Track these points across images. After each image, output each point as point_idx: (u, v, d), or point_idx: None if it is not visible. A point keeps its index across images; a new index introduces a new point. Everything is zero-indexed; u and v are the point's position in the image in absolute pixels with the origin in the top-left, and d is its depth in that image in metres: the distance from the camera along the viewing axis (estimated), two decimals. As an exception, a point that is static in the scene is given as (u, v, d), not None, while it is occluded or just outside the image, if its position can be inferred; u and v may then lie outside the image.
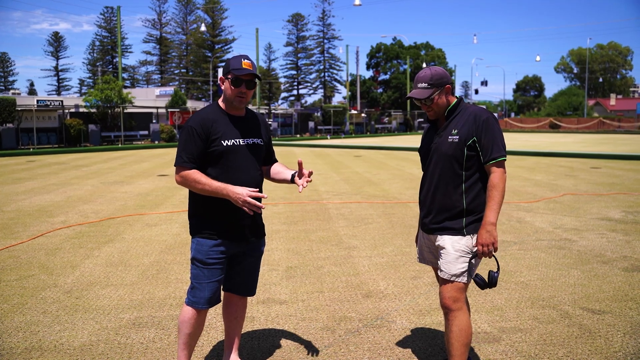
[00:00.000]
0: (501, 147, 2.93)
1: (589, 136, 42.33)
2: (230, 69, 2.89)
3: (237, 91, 2.91)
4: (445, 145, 2.98)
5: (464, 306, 2.96)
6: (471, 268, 2.95)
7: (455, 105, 3.06)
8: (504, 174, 2.91)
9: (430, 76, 2.99)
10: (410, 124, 56.17)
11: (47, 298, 4.57)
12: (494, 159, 2.91)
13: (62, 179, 13.55)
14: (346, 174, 14.46)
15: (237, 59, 2.92)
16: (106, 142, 30.37)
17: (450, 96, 3.06)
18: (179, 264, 5.62)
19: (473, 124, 2.93)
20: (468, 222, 2.95)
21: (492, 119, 2.95)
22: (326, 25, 77.04)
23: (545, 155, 20.64)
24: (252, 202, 2.76)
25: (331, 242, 6.61)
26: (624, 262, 5.61)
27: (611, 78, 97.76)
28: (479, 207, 2.95)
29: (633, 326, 3.93)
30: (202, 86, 73.64)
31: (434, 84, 2.98)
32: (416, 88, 3.03)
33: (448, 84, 3.03)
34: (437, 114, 3.06)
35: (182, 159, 2.86)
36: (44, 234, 7.07)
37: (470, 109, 3.02)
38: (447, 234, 2.98)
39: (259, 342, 3.72)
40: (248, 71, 2.88)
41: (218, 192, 2.80)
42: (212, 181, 2.81)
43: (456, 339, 2.91)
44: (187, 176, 2.84)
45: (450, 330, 2.92)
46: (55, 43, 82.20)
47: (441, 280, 3.00)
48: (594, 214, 8.32)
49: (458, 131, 2.96)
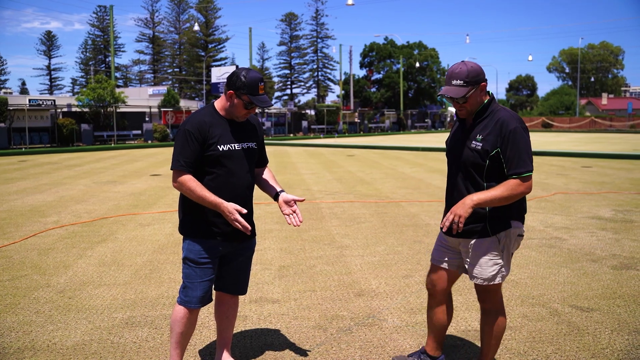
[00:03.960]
0: (528, 161, 2.72)
1: (581, 135, 42.55)
2: (247, 93, 2.85)
3: (247, 112, 2.94)
4: (467, 150, 2.82)
5: (502, 305, 3.03)
6: (502, 267, 2.90)
7: (486, 107, 2.84)
8: (520, 186, 2.71)
9: (467, 73, 2.75)
10: (404, 123, 56.24)
11: (39, 298, 4.57)
12: (517, 174, 2.72)
13: (54, 178, 13.51)
14: (339, 173, 14.50)
15: (254, 81, 2.85)
16: (99, 142, 30.26)
17: (484, 94, 2.85)
18: (171, 263, 5.64)
19: (499, 134, 2.73)
20: (493, 224, 2.83)
21: (520, 130, 2.74)
22: (319, 24, 76.95)
23: (537, 154, 20.74)
24: (242, 222, 2.84)
25: (324, 241, 6.65)
26: (613, 260, 5.68)
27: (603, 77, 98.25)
28: (505, 209, 2.82)
29: (620, 323, 3.98)
30: (195, 85, 73.40)
31: (470, 82, 2.75)
32: (450, 85, 2.79)
33: (484, 82, 2.81)
34: (469, 113, 2.87)
35: (179, 162, 2.87)
36: (37, 234, 7.06)
37: (499, 114, 2.80)
38: (474, 238, 2.87)
39: (251, 341, 3.75)
40: (267, 103, 2.89)
41: (211, 205, 2.84)
42: (207, 193, 2.84)
43: (494, 336, 3.01)
44: (184, 183, 2.86)
45: (490, 328, 3.01)
46: (47, 42, 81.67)
47: (476, 285, 2.99)
48: (584, 213, 8.40)
49: (483, 138, 2.77)
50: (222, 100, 2.98)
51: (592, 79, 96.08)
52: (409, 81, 74.12)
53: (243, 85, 2.86)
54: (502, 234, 2.86)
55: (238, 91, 2.87)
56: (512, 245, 2.92)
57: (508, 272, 2.96)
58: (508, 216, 2.86)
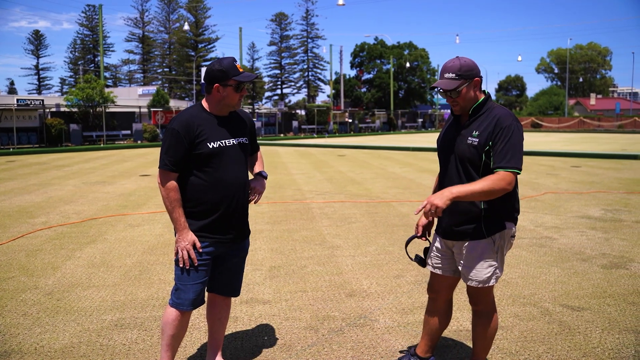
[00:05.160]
0: (516, 158, 2.66)
1: (570, 135, 42.84)
2: (231, 77, 2.85)
3: (239, 96, 2.93)
4: (464, 146, 2.79)
5: (494, 306, 3.03)
6: (497, 268, 2.88)
7: (482, 103, 2.83)
8: (502, 181, 2.63)
9: (459, 66, 2.75)
10: (394, 123, 56.34)
11: (27, 300, 4.51)
12: (502, 168, 2.65)
13: (42, 179, 13.39)
14: (330, 173, 14.49)
15: (231, 64, 2.88)
16: (88, 142, 30.02)
17: (478, 91, 2.83)
18: (161, 264, 5.59)
19: (493, 129, 2.71)
20: (488, 224, 2.79)
21: (515, 128, 2.71)
22: (310, 24, 76.91)
23: (527, 154, 20.85)
24: (192, 256, 2.86)
25: (314, 241, 6.63)
26: (602, 260, 5.70)
27: (591, 78, 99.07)
28: (500, 210, 2.79)
29: (611, 322, 4.00)
30: (185, 85, 73.12)
31: (463, 76, 2.74)
32: (443, 78, 2.79)
33: (477, 77, 2.79)
34: (463, 109, 2.84)
35: (165, 162, 2.85)
36: (24, 235, 6.98)
37: (495, 111, 2.79)
38: (468, 240, 2.83)
39: (242, 342, 3.72)
40: (251, 76, 2.91)
41: (177, 224, 2.86)
42: (180, 212, 2.85)
43: (486, 336, 3.02)
44: (167, 190, 2.85)
45: (482, 328, 3.01)
46: (35, 41, 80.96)
47: (469, 287, 2.97)
48: (574, 212, 8.44)
49: (479, 134, 2.74)
50: (209, 98, 2.96)
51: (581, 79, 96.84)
52: (399, 81, 74.29)
53: (224, 74, 2.86)
54: (497, 235, 2.83)
55: (222, 81, 2.87)
56: (506, 246, 2.90)
57: (501, 274, 2.95)
58: (503, 217, 2.82)
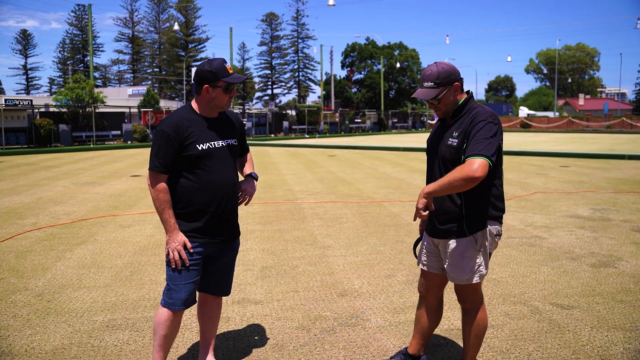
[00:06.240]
0: (485, 146, 2.64)
1: (559, 135, 43.14)
2: (221, 78, 2.86)
3: (229, 97, 2.94)
4: (445, 147, 2.85)
5: (482, 303, 3.05)
6: (479, 266, 2.92)
7: (462, 105, 2.87)
8: (466, 168, 2.61)
9: (437, 74, 2.80)
10: (384, 124, 56.45)
11: (17, 302, 4.49)
12: (469, 156, 2.64)
13: (32, 180, 13.29)
14: (320, 174, 14.50)
15: (221, 65, 2.88)
16: (77, 143, 29.79)
17: (459, 94, 2.87)
18: (152, 265, 5.58)
19: (469, 127, 2.75)
20: (469, 223, 2.85)
21: (489, 123, 2.73)
22: (300, 24, 76.94)
23: (516, 154, 20.98)
24: (183, 256, 2.87)
25: (306, 241, 6.63)
26: (591, 258, 5.76)
27: (579, 78, 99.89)
28: (480, 209, 2.84)
29: (600, 320, 4.04)
30: (176, 85, 72.87)
31: (441, 83, 2.80)
32: (422, 87, 2.85)
33: (456, 82, 2.84)
34: (445, 113, 2.91)
35: (155, 164, 2.86)
36: (14, 236, 6.93)
37: (474, 110, 2.82)
38: (451, 238, 2.89)
39: (234, 342, 3.72)
40: (240, 78, 2.92)
41: (167, 225, 2.87)
42: (169, 213, 2.85)
43: (476, 334, 3.03)
44: (157, 193, 2.86)
45: (471, 326, 3.03)
46: (23, 41, 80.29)
47: (455, 285, 3.02)
48: (563, 212, 8.51)
49: (458, 134, 2.78)
50: (199, 99, 2.96)
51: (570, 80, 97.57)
52: (389, 81, 74.50)
53: (213, 75, 2.87)
54: (479, 233, 2.88)
55: (212, 82, 2.87)
56: (490, 245, 2.95)
57: (486, 272, 2.99)
58: (483, 215, 2.88)
